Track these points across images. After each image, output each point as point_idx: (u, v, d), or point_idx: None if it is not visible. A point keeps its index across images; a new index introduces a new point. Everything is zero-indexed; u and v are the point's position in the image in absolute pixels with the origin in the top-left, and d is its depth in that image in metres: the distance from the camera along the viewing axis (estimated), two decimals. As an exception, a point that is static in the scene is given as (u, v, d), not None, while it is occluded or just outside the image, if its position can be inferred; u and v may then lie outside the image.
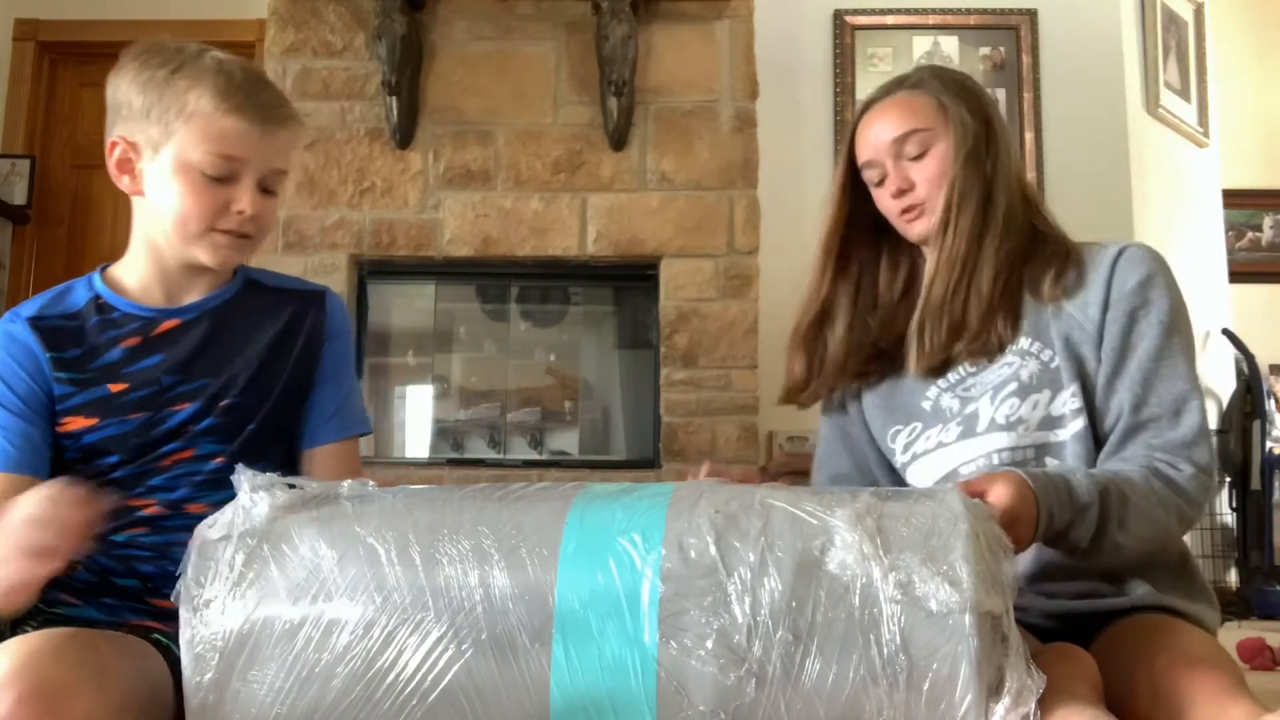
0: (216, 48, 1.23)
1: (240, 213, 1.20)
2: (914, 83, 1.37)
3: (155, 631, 1.09)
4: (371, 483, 1.04)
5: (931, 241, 1.34)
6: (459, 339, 3.67)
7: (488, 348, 3.65)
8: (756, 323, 3.31)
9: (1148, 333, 1.24)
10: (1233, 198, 4.72)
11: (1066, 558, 1.17)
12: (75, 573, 1.16)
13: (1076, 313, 1.29)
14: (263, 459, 1.04)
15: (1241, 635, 2.76)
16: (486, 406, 3.54)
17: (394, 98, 3.28)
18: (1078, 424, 1.26)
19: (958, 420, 1.33)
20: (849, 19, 3.97)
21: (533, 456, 3.48)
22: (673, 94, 3.40)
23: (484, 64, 3.41)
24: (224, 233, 1.21)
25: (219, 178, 1.19)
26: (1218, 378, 4.29)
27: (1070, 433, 1.26)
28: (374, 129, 3.37)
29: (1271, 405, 4.31)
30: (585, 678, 0.89)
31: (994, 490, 1.04)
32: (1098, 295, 1.27)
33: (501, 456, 3.47)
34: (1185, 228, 4.26)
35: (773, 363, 3.37)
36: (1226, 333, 4.33)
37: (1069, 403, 1.27)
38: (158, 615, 1.16)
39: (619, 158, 3.38)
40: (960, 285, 1.30)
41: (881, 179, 1.36)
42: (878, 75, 3.93)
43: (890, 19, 3.97)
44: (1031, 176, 3.74)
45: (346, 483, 1.03)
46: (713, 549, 0.90)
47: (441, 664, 0.90)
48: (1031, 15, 3.95)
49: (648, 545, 0.91)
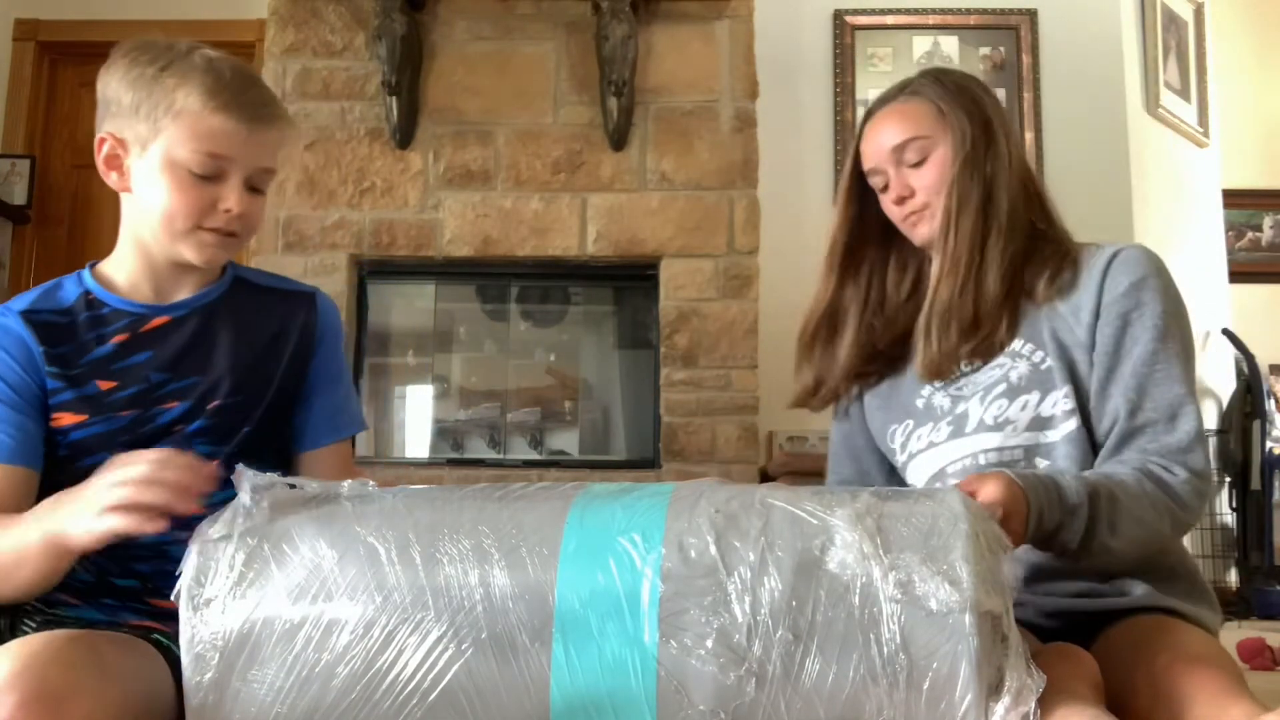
0: (210, 46, 1.23)
1: (227, 211, 1.20)
2: (913, 89, 1.38)
3: (155, 632, 1.09)
4: (372, 483, 1.04)
5: (935, 246, 1.35)
6: (459, 339, 3.67)
7: (488, 348, 3.65)
8: (756, 323, 3.31)
9: (1141, 336, 1.23)
10: (1233, 198, 4.72)
11: (1058, 559, 1.17)
12: (75, 573, 1.16)
13: (1069, 315, 1.28)
14: (257, 461, 1.04)
15: (1241, 635, 2.76)
16: (486, 406, 3.54)
17: (394, 98, 3.29)
18: (1069, 425, 1.26)
19: (948, 420, 1.33)
20: (849, 19, 3.97)
21: (533, 456, 3.48)
22: (673, 94, 3.40)
23: (484, 64, 3.41)
24: (210, 231, 1.21)
25: (206, 176, 1.19)
26: (1218, 378, 4.29)
27: (1061, 434, 1.26)
28: (374, 129, 3.37)
29: (1271, 405, 4.31)
30: (585, 677, 0.89)
31: (984, 489, 1.04)
32: (1090, 298, 1.27)
33: (501, 456, 3.47)
34: (1185, 228, 4.26)
35: (773, 363, 3.41)
36: (1226, 333, 4.33)
37: (1060, 404, 1.26)
38: (157, 615, 1.16)
39: (619, 158, 3.38)
40: (966, 288, 1.31)
41: (885, 185, 1.37)
42: (878, 75, 3.93)
43: (890, 19, 3.97)
44: (1031, 176, 3.74)
45: (347, 483, 1.03)
46: (713, 548, 0.90)
47: (441, 663, 0.90)
48: (1031, 15, 3.95)
49: (648, 545, 0.91)
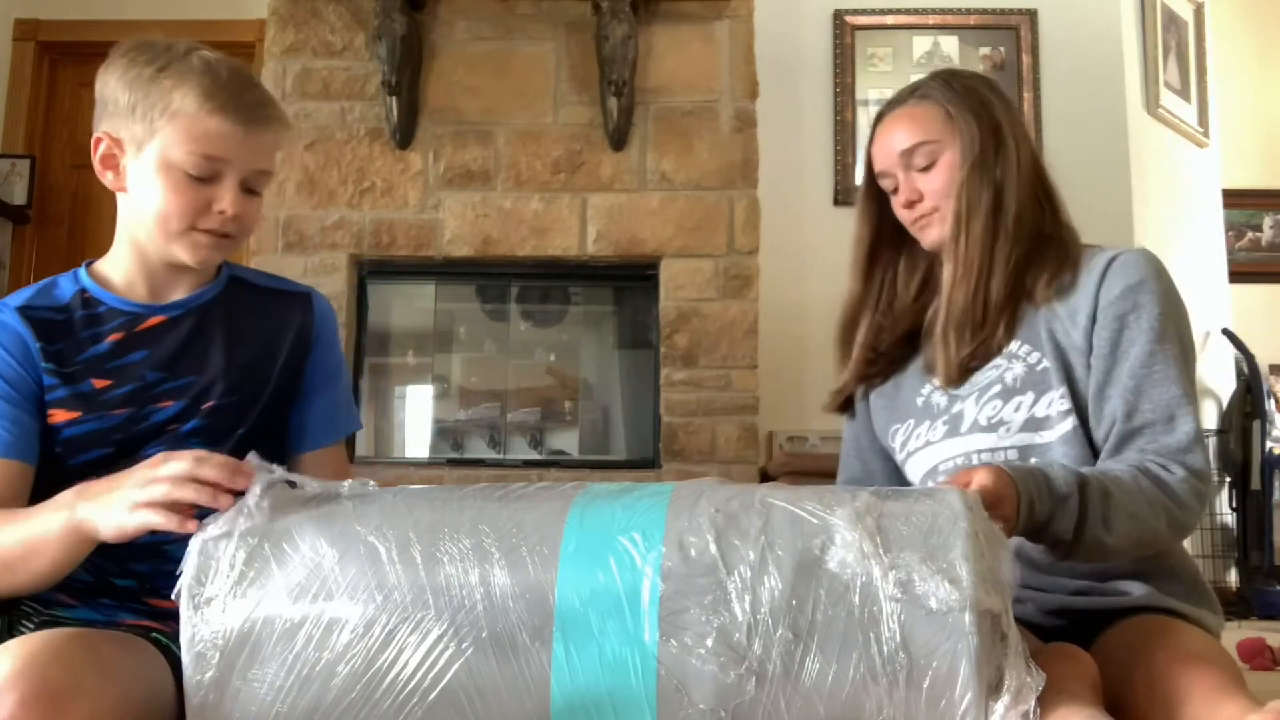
0: (209, 47, 1.23)
1: (221, 213, 1.20)
2: (922, 92, 1.38)
3: (154, 631, 1.09)
4: (372, 483, 1.05)
5: (946, 250, 1.36)
6: (459, 339, 3.67)
7: (488, 348, 3.65)
8: (756, 323, 3.31)
9: (1138, 338, 1.23)
10: (1233, 198, 4.72)
11: (1054, 553, 1.17)
12: (73, 573, 1.16)
13: (1066, 316, 1.29)
14: None
15: (1241, 635, 2.75)
16: (486, 406, 3.54)
17: (394, 98, 3.29)
18: (1065, 426, 1.26)
19: (944, 419, 1.34)
20: (849, 19, 3.97)
21: (533, 456, 3.48)
22: (673, 94, 3.40)
23: (484, 64, 3.41)
24: (205, 232, 1.21)
25: (201, 177, 1.19)
26: (1218, 378, 4.29)
27: (1057, 434, 1.26)
28: (374, 129, 3.37)
29: (1271, 405, 4.31)
30: (585, 676, 0.89)
31: (975, 478, 1.04)
32: (1086, 302, 1.27)
33: (501, 456, 3.47)
34: (1185, 228, 4.26)
35: (773, 363, 3.41)
36: (1226, 333, 4.33)
37: (1056, 404, 1.26)
38: (155, 615, 1.16)
39: (619, 158, 3.38)
40: (977, 292, 1.31)
41: (895, 188, 1.38)
42: (878, 75, 3.94)
43: (890, 19, 3.97)
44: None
45: (347, 482, 1.03)
46: (713, 547, 0.90)
47: (442, 662, 0.90)
48: (1031, 15, 3.96)
49: (648, 544, 0.91)
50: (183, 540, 0.98)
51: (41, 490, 1.11)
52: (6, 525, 1.05)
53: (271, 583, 0.93)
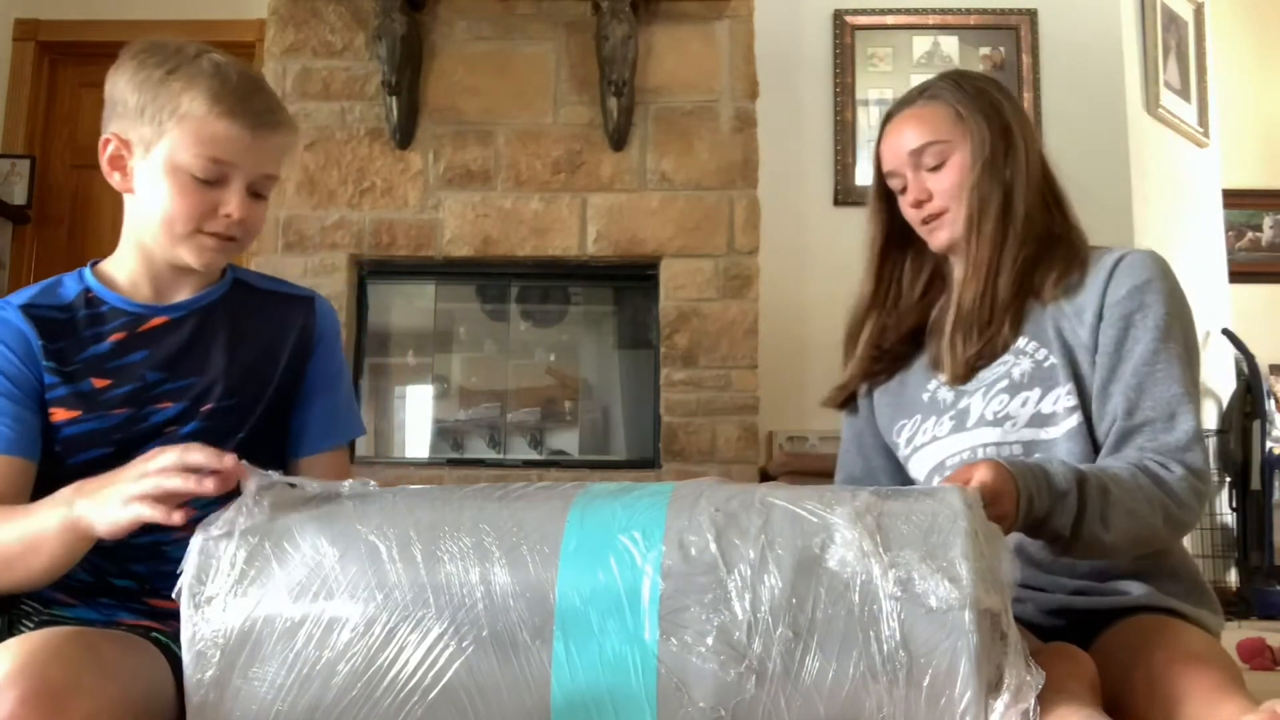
0: (217, 49, 1.24)
1: (227, 216, 1.20)
2: (932, 93, 1.38)
3: (153, 631, 1.09)
4: (372, 482, 1.05)
5: (958, 250, 1.36)
6: (459, 339, 3.67)
7: (488, 348, 3.65)
8: (756, 323, 3.31)
9: (1143, 337, 1.24)
10: (1233, 198, 4.72)
11: (1052, 549, 1.18)
12: (73, 573, 1.17)
13: (1073, 314, 1.29)
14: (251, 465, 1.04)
15: (1241, 635, 2.75)
16: (486, 406, 3.54)
17: (394, 98, 3.29)
18: (1071, 422, 1.26)
19: (950, 414, 1.35)
20: (849, 19, 3.97)
21: (533, 456, 3.48)
22: (673, 94, 3.41)
23: (484, 64, 3.41)
24: (211, 235, 1.21)
25: (208, 180, 1.19)
26: (1218, 378, 4.29)
27: (1062, 431, 1.27)
28: (374, 129, 3.37)
29: (1271, 405, 4.31)
30: (586, 675, 0.89)
31: (975, 474, 1.05)
32: (1094, 300, 1.28)
33: (501, 456, 3.47)
34: (1185, 228, 4.26)
35: (773, 363, 3.41)
36: (1226, 333, 4.33)
37: (1063, 400, 1.27)
38: (154, 615, 1.16)
39: (619, 158, 3.38)
40: (986, 292, 1.32)
41: (904, 188, 1.38)
42: (878, 75, 3.94)
43: (890, 19, 3.97)
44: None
45: (348, 482, 1.04)
46: (713, 546, 0.91)
47: (442, 661, 0.90)
48: (1031, 15, 3.96)
49: (648, 543, 0.91)
50: (182, 541, 0.98)
51: (42, 489, 1.11)
52: (5, 522, 1.06)
53: (272, 581, 0.93)
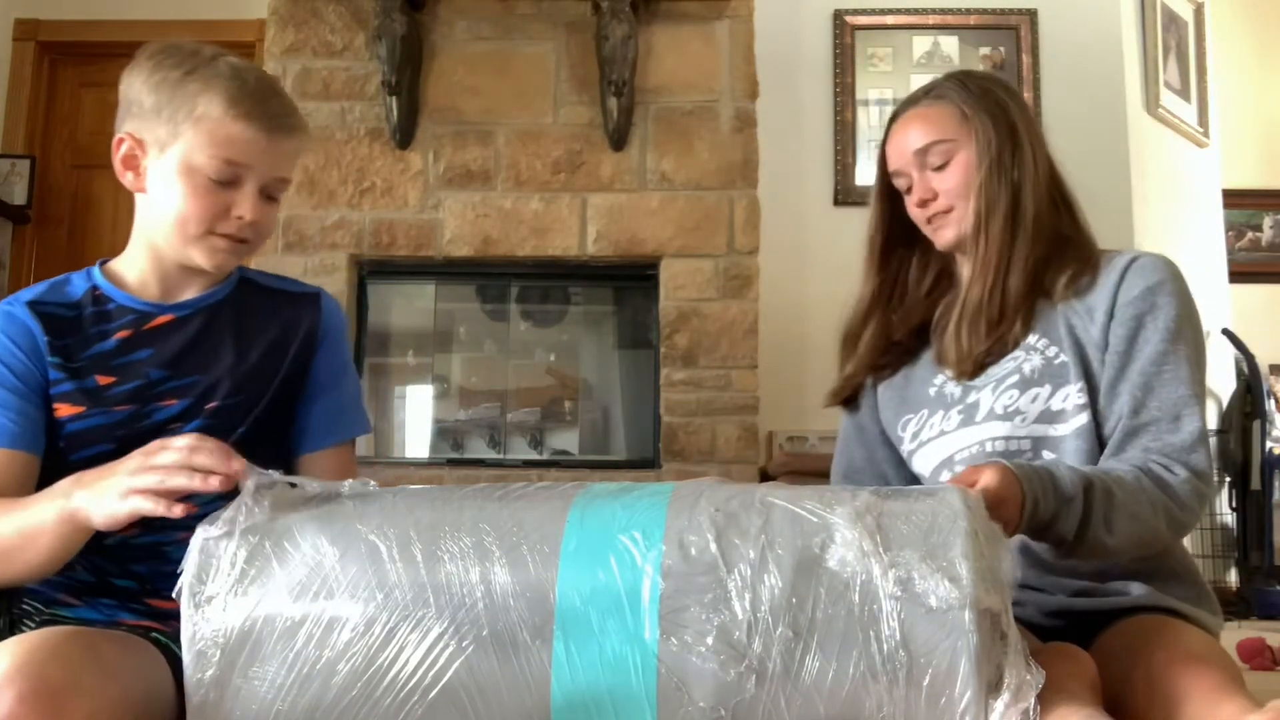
0: (235, 54, 1.24)
1: (240, 218, 1.21)
2: (938, 93, 1.38)
3: (154, 631, 1.09)
4: (372, 482, 1.05)
5: (966, 249, 1.36)
6: (459, 339, 3.67)
7: (488, 348, 3.65)
8: (756, 323, 3.32)
9: (1153, 338, 1.25)
10: (1233, 198, 4.72)
11: (1054, 552, 1.18)
12: (74, 573, 1.17)
13: (1084, 313, 1.30)
14: (255, 463, 1.04)
15: (1241, 635, 2.76)
16: (486, 406, 3.54)
17: (394, 98, 3.29)
18: (1080, 420, 1.27)
19: (959, 408, 1.35)
20: (849, 19, 3.97)
21: (533, 456, 3.48)
22: (673, 94, 3.41)
23: (484, 64, 3.41)
24: (223, 236, 1.21)
25: (222, 182, 1.19)
26: (1218, 378, 4.29)
27: (1071, 428, 1.27)
28: (374, 129, 3.37)
29: (1271, 405, 4.31)
30: (586, 674, 0.89)
31: (981, 477, 1.05)
32: (1105, 300, 1.28)
33: (501, 456, 3.47)
34: (1185, 228, 4.26)
35: (773, 363, 3.41)
36: (1226, 333, 4.33)
37: (1072, 398, 1.27)
38: (155, 615, 1.16)
39: (619, 158, 3.38)
40: (995, 290, 1.32)
41: (909, 188, 1.39)
42: (878, 75, 3.94)
43: (890, 19, 3.97)
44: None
45: (348, 482, 1.04)
46: (713, 546, 0.91)
47: (443, 661, 0.90)
48: (1031, 15, 3.96)
49: (648, 542, 0.91)
50: (183, 542, 0.98)
51: (46, 485, 1.11)
52: (3, 514, 1.06)
53: (272, 581, 0.93)
